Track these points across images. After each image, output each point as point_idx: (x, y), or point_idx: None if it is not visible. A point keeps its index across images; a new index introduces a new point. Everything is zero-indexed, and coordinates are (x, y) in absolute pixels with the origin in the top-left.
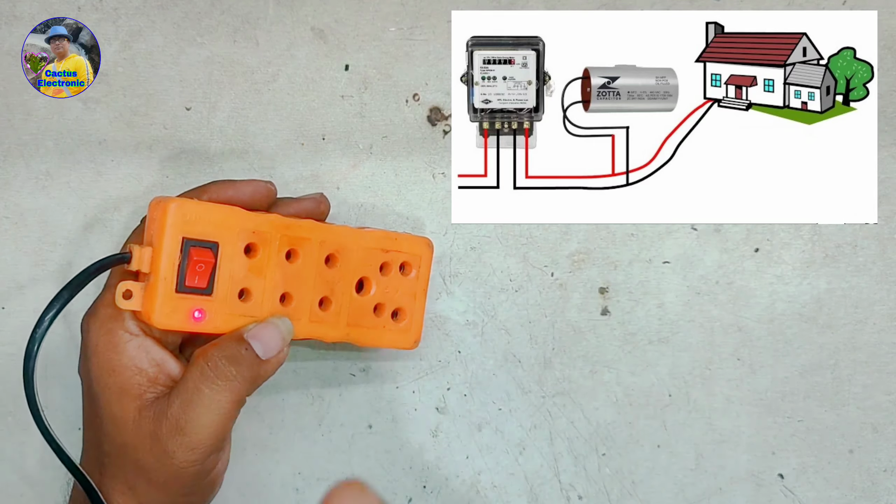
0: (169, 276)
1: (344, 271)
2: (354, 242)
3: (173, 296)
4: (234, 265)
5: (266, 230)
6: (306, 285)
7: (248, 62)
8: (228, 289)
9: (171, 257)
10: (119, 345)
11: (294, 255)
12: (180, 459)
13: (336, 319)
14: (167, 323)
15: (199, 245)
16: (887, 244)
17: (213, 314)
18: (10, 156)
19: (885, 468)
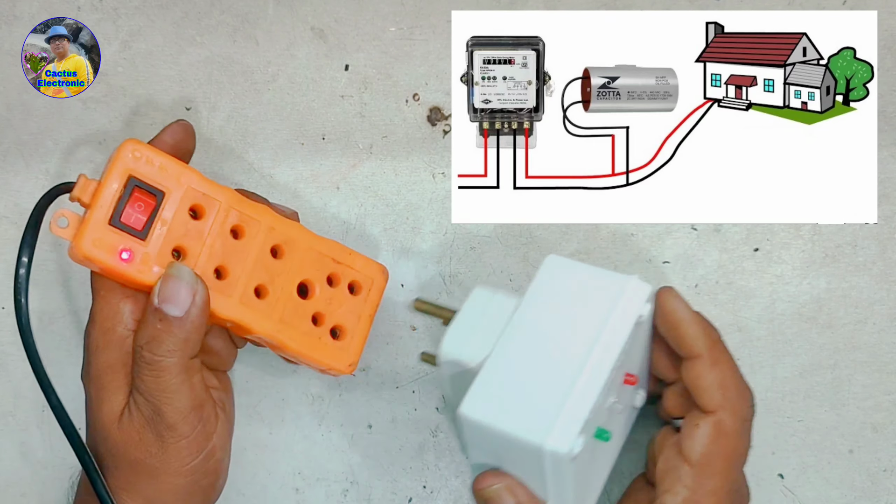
0: (105, 205)
1: (288, 266)
2: (305, 242)
3: (105, 226)
4: (176, 221)
5: (216, 199)
6: (244, 265)
7: (247, 62)
8: (163, 241)
9: (111, 188)
10: (117, 342)
11: (240, 233)
12: (168, 439)
13: (269, 311)
14: (92, 251)
15: (144, 187)
16: (887, 244)
17: (143, 261)
18: (9, 156)
19: (885, 468)
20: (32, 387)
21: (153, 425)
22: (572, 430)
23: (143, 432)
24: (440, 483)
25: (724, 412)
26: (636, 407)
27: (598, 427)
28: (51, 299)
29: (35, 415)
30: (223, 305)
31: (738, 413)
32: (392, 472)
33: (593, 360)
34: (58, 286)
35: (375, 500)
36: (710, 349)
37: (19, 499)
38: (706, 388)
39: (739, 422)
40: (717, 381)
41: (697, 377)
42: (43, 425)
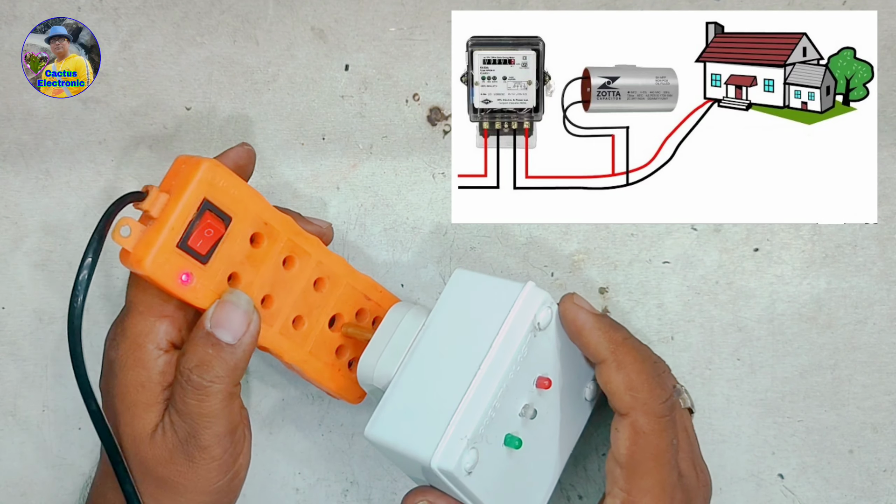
0: (177, 227)
1: (326, 299)
2: (345, 277)
3: (173, 248)
4: (236, 246)
5: (277, 228)
6: (290, 297)
7: (248, 62)
8: (223, 266)
9: (186, 210)
10: (148, 361)
11: (290, 264)
12: (199, 462)
13: (303, 342)
14: (156, 272)
15: (215, 212)
16: (887, 244)
17: (200, 285)
18: (9, 156)
19: (885, 468)
20: (32, 387)
21: (185, 446)
22: (458, 445)
23: (175, 452)
24: None
25: (637, 413)
26: (588, 399)
27: (506, 434)
28: (51, 299)
29: (35, 415)
30: (264, 334)
31: (651, 412)
32: (392, 472)
33: (484, 372)
34: (58, 286)
35: (375, 500)
36: (614, 353)
37: (19, 499)
38: (615, 392)
39: (654, 420)
40: (624, 384)
41: (606, 382)
42: (43, 425)
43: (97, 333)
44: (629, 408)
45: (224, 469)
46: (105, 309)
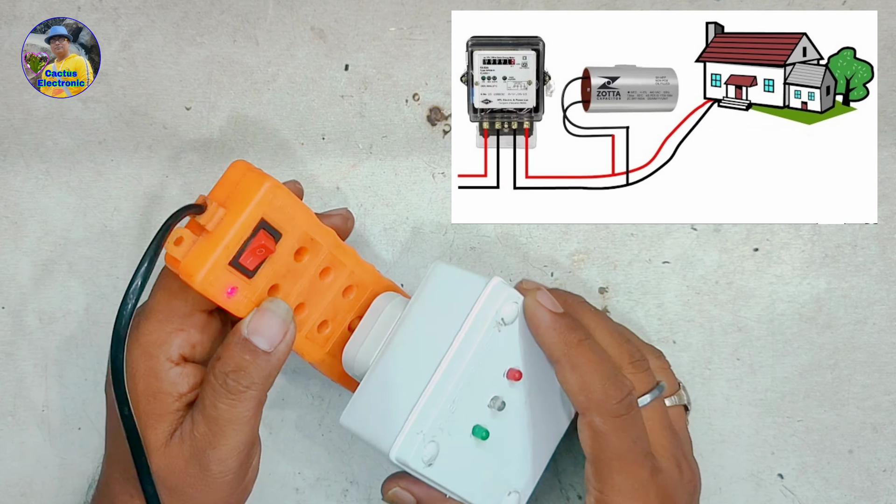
0: (232, 246)
1: (351, 305)
2: (372, 284)
3: (225, 266)
4: (282, 261)
5: (320, 242)
6: (320, 305)
7: (247, 62)
8: (267, 280)
9: (243, 230)
10: (161, 372)
11: (325, 274)
12: (215, 473)
13: (324, 343)
14: (207, 288)
15: (269, 231)
16: (887, 244)
17: (243, 297)
18: (9, 156)
19: (885, 468)
20: (32, 387)
21: (202, 455)
22: (416, 439)
23: (190, 461)
24: None
25: (592, 413)
26: None
27: (475, 425)
28: (51, 299)
29: (35, 415)
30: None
31: (605, 412)
32: (392, 471)
33: (444, 366)
34: (58, 286)
35: (375, 500)
36: (567, 354)
37: (19, 499)
38: (570, 392)
39: (610, 420)
40: (578, 385)
41: (563, 382)
42: (43, 425)
43: (97, 333)
44: (584, 408)
45: (235, 483)
46: (105, 309)
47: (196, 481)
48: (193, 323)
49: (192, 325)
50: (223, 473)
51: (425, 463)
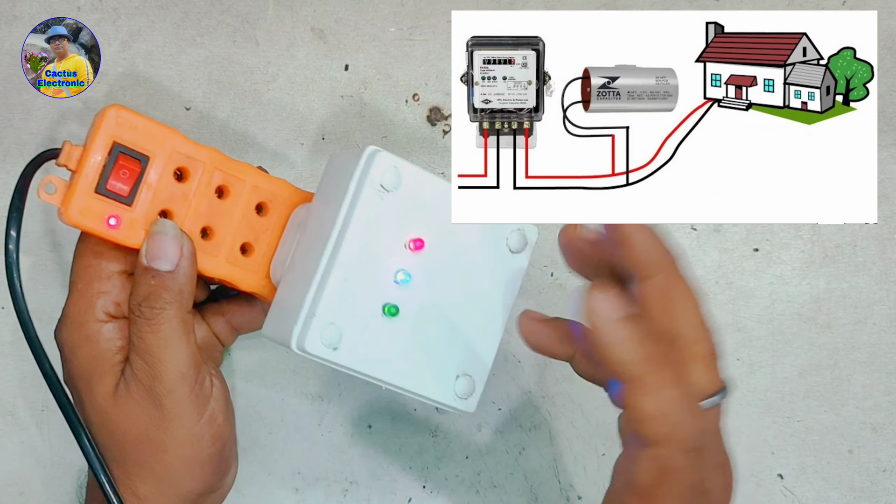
0: (91, 174)
1: (273, 223)
2: (289, 197)
3: (91, 195)
4: (161, 184)
5: (201, 160)
6: (230, 225)
7: (247, 62)
8: (150, 205)
9: (96, 157)
10: (93, 334)
11: (225, 193)
12: (168, 407)
13: (256, 268)
14: (81, 220)
15: (128, 153)
16: (887, 244)
17: (130, 225)
18: (9, 156)
19: (885, 468)
20: (32, 387)
21: (151, 394)
22: (311, 324)
23: (142, 403)
24: (440, 483)
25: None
26: (514, 251)
27: (384, 304)
28: (51, 299)
29: (35, 415)
30: (211, 265)
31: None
32: (391, 472)
33: (329, 247)
34: (58, 286)
35: (375, 499)
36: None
37: (18, 498)
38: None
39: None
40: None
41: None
42: (43, 425)
43: None
44: (662, 438)
45: (195, 411)
46: None
47: (156, 420)
48: (114, 284)
49: (113, 286)
50: (176, 401)
51: (328, 347)
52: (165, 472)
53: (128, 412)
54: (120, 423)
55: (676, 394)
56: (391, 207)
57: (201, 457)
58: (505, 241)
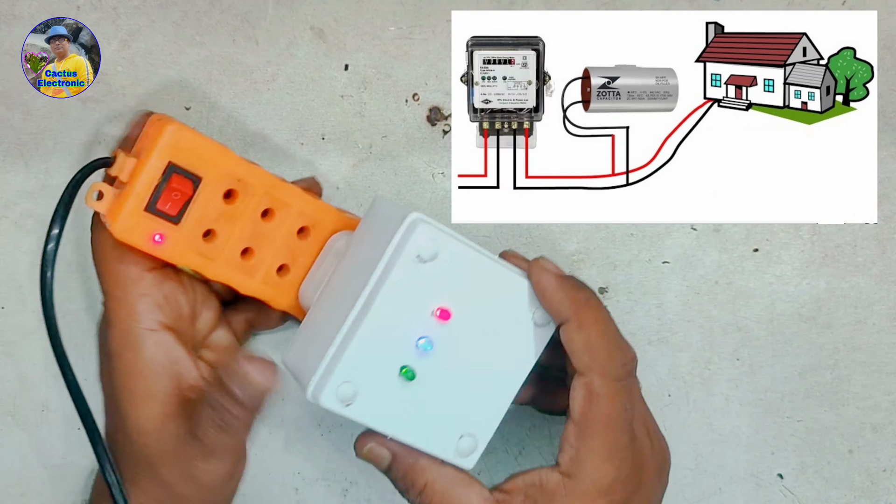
0: (143, 192)
1: (311, 248)
2: (331, 223)
3: (140, 212)
4: (210, 204)
5: (251, 183)
6: (272, 247)
7: (247, 62)
8: (196, 225)
9: (151, 176)
10: (137, 343)
11: (270, 215)
12: (205, 481)
13: (289, 289)
14: (126, 236)
15: (182, 174)
16: (887, 244)
17: (174, 243)
18: (9, 156)
19: (885, 468)
20: (32, 387)
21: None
22: (329, 379)
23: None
24: None
25: (593, 374)
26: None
27: (402, 366)
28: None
29: (35, 415)
30: (247, 284)
31: (607, 374)
32: None
33: (359, 306)
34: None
35: (375, 500)
36: (576, 312)
37: (19, 499)
38: (574, 352)
39: (610, 383)
40: (584, 344)
41: (567, 341)
42: (43, 425)
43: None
44: (586, 368)
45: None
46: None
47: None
48: (149, 284)
49: (149, 287)
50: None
51: (342, 403)
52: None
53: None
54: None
55: (599, 329)
56: (424, 277)
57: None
58: (532, 315)
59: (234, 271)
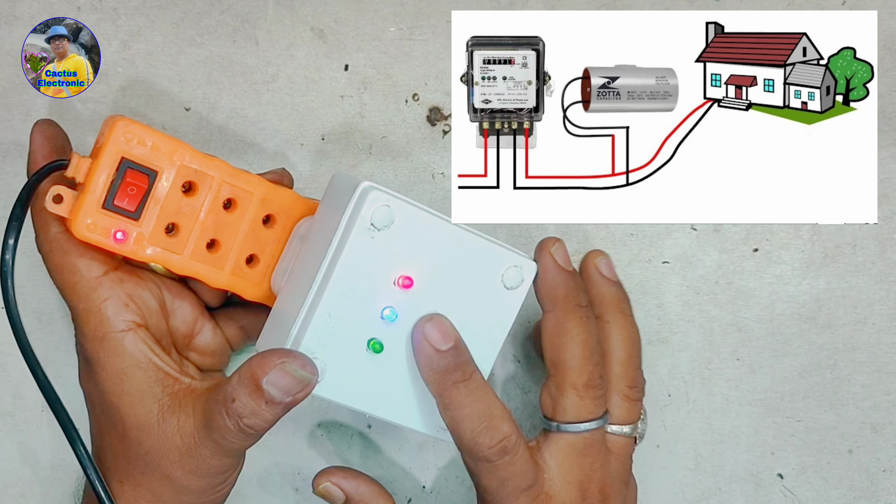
0: (98, 190)
1: (279, 235)
2: (297, 209)
3: (98, 211)
4: (169, 198)
5: (209, 174)
6: (236, 238)
7: (247, 62)
8: (156, 219)
9: (103, 172)
10: (116, 347)
11: (233, 206)
12: (213, 473)
13: (260, 279)
14: (87, 235)
15: (136, 168)
16: (887, 244)
17: (136, 241)
18: (9, 156)
19: (885, 468)
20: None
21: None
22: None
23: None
24: (440, 483)
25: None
26: (510, 287)
27: (369, 339)
28: (50, 299)
29: (35, 415)
30: (216, 277)
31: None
32: (392, 472)
33: (318, 280)
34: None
35: None
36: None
37: (18, 499)
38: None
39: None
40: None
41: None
42: (42, 425)
43: None
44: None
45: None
46: None
47: (188, 473)
48: (106, 288)
49: (108, 291)
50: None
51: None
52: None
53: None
54: (153, 451)
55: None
56: (381, 245)
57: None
58: (500, 278)
59: (201, 265)
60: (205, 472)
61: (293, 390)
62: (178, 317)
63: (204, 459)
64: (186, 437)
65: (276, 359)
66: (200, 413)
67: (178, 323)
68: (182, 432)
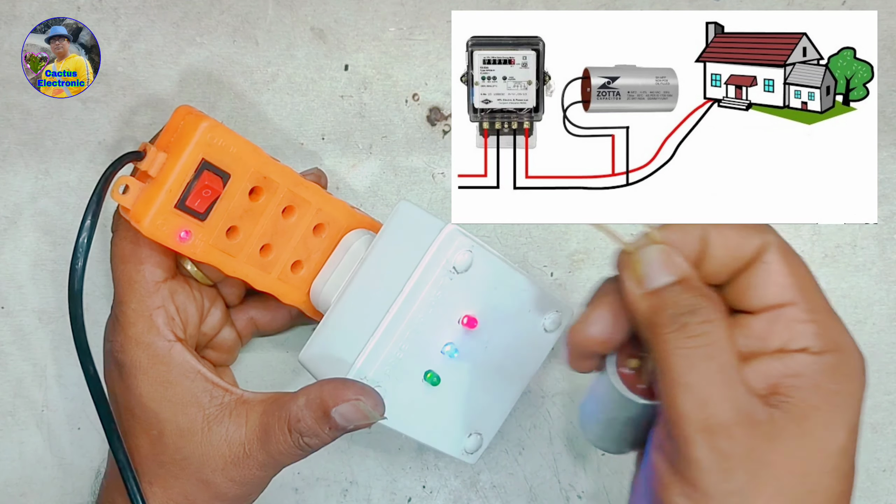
0: (175, 189)
1: (325, 243)
2: (346, 221)
3: (171, 210)
4: (235, 202)
5: (277, 180)
6: (289, 244)
7: (247, 62)
8: (221, 221)
9: (183, 173)
10: (163, 356)
11: (289, 212)
12: (253, 483)
13: (301, 284)
14: (154, 233)
15: (213, 171)
16: (887, 244)
17: (198, 240)
18: (9, 156)
19: (885, 468)
20: (32, 387)
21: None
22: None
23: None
24: (439, 483)
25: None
26: (549, 330)
27: (426, 371)
28: (50, 299)
29: (35, 415)
30: (263, 281)
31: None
32: (391, 472)
33: (392, 313)
34: (58, 286)
35: (375, 500)
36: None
37: (18, 499)
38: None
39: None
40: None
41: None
42: (43, 425)
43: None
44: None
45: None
46: (105, 310)
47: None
48: (163, 296)
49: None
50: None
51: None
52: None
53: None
54: (194, 457)
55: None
56: (457, 286)
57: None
58: (542, 322)
59: (252, 267)
60: (247, 481)
61: (359, 422)
62: (208, 322)
63: (250, 469)
64: (235, 446)
65: (350, 393)
66: (255, 425)
67: (207, 328)
68: (230, 442)
